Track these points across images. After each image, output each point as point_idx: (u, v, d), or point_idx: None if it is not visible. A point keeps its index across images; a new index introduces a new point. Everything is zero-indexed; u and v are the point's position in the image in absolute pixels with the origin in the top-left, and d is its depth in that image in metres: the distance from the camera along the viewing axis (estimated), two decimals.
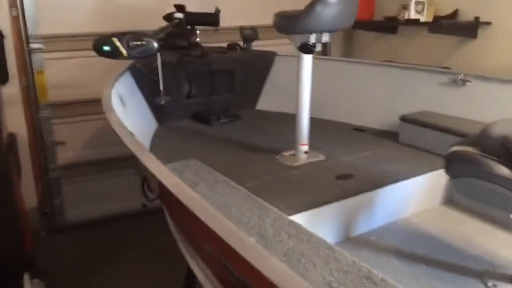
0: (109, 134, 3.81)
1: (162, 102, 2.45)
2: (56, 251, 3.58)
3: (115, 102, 2.18)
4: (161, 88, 2.45)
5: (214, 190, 1.73)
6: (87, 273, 3.26)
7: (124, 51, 2.15)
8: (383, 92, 2.78)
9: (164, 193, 1.77)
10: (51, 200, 3.80)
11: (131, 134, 1.79)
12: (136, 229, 3.85)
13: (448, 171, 1.60)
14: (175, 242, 3.71)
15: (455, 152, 1.56)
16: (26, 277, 2.68)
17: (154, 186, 2.22)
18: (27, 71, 3.57)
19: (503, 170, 1.42)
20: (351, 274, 1.17)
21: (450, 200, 2.26)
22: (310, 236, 1.34)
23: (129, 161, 4.05)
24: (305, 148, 2.30)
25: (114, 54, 2.20)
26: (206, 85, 3.09)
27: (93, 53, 3.68)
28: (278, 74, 3.23)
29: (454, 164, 1.57)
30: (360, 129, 2.77)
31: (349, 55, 4.54)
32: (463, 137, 2.13)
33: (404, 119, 2.48)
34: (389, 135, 2.62)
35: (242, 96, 3.22)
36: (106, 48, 2.19)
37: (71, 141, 3.76)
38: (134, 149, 1.64)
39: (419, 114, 2.49)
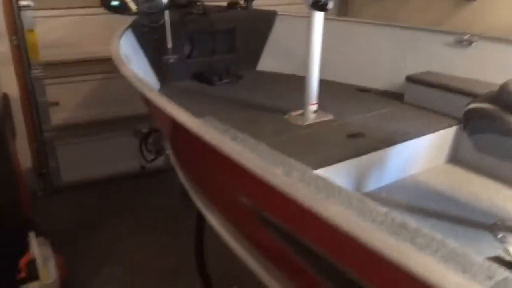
0: (103, 94, 3.78)
1: (171, 61, 2.41)
2: (54, 211, 3.57)
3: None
4: (169, 46, 2.40)
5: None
6: (88, 233, 3.28)
7: (133, 6, 2.09)
8: (387, 53, 2.79)
9: (183, 143, 1.76)
10: (46, 162, 3.75)
11: (149, 85, 1.76)
12: (134, 190, 3.86)
13: (466, 128, 1.64)
14: (175, 201, 3.75)
15: (474, 109, 1.60)
16: (31, 236, 2.69)
17: (166, 137, 2.20)
18: (17, 29, 3.45)
19: None
20: (386, 223, 1.21)
21: (454, 158, 2.32)
22: (340, 189, 1.37)
23: (125, 122, 4.04)
24: (315, 107, 2.31)
25: (122, 9, 2.14)
26: (207, 45, 3.04)
27: (86, 11, 3.58)
28: (279, 34, 3.20)
29: (473, 121, 1.60)
30: (364, 90, 2.79)
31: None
32: (470, 96, 2.17)
33: (410, 79, 2.50)
34: (394, 96, 2.65)
35: (242, 56, 3.19)
36: (114, 2, 2.11)
37: (65, 102, 3.69)
38: (153, 98, 1.62)
39: (425, 74, 2.51)
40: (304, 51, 2.32)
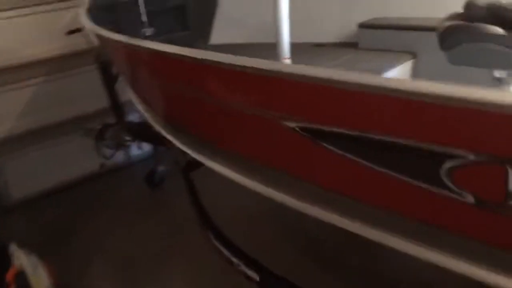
0: (45, 98, 3.58)
1: (148, 34, 2.38)
2: (16, 231, 3.32)
3: None
4: (144, 20, 2.37)
5: None
6: (65, 240, 3.12)
7: None
8: (335, 6, 2.93)
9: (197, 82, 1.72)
10: None
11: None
12: (97, 191, 3.72)
13: (442, 45, 1.85)
14: (142, 192, 3.66)
15: (448, 26, 1.81)
16: (13, 248, 2.53)
17: (158, 93, 2.11)
18: None
19: (494, 29, 1.70)
20: None
21: None
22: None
23: (72, 123, 3.84)
24: (289, 62, 2.42)
25: None
26: (162, 24, 3.01)
27: (16, 13, 3.36)
28: (227, 5, 3.22)
29: (448, 37, 1.81)
30: (320, 45, 2.95)
31: None
32: (423, 31, 2.41)
33: (363, 25, 2.70)
34: (348, 45, 2.84)
35: (196, 32, 3.20)
36: None
37: (4, 112, 3.45)
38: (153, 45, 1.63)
39: (375, 20, 2.73)
40: (255, 18, 2.36)
